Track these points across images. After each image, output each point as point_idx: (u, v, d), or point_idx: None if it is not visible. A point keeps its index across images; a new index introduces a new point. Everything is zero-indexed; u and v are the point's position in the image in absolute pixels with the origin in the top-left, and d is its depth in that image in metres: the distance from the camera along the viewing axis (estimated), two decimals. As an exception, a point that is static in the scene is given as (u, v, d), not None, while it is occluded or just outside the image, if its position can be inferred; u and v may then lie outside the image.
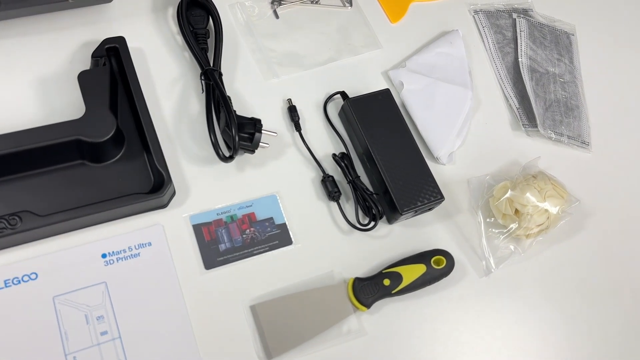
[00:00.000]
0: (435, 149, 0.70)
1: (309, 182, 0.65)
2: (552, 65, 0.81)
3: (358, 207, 0.64)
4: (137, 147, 0.61)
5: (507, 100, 0.77)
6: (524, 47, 0.80)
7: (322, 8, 0.76)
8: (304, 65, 0.72)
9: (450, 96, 0.73)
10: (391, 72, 0.74)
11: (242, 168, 0.64)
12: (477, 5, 0.83)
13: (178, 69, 0.67)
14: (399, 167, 0.65)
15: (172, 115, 0.65)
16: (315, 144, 0.68)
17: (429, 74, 0.74)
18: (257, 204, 0.62)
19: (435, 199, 0.64)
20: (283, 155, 0.66)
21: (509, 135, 0.75)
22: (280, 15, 0.74)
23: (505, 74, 0.79)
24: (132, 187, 0.59)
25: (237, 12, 0.73)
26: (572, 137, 0.76)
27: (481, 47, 0.80)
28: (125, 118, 0.62)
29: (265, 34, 0.72)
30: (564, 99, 0.78)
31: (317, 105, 0.70)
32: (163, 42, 0.68)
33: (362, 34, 0.76)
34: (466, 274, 0.65)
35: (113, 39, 0.63)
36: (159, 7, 0.70)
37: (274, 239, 0.61)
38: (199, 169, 0.63)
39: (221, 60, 0.67)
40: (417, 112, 0.72)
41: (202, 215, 0.60)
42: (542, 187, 0.66)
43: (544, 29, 0.83)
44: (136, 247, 0.57)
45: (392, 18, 0.78)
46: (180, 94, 0.66)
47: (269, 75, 0.70)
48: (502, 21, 0.82)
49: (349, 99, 0.68)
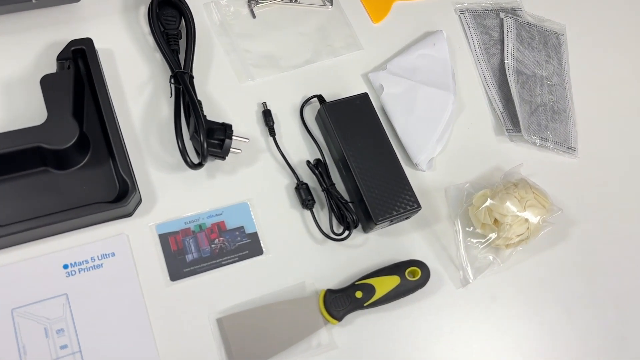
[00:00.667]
0: (414, 154, 0.68)
1: (282, 189, 0.64)
2: (539, 68, 0.78)
3: (332, 215, 0.62)
4: (103, 153, 0.59)
5: (491, 104, 0.75)
6: (510, 49, 0.77)
7: (301, 7, 0.74)
8: (281, 67, 0.70)
9: (432, 100, 0.71)
10: (371, 75, 0.72)
11: (213, 175, 0.62)
12: (464, 4, 0.80)
13: (148, 71, 0.65)
14: (375, 175, 0.63)
15: (141, 120, 0.63)
16: (290, 149, 0.66)
17: (410, 77, 0.72)
18: (227, 212, 0.61)
19: (412, 209, 0.62)
20: (256, 161, 0.64)
21: (492, 140, 0.73)
22: (258, 14, 0.72)
23: (491, 76, 0.77)
24: (96, 195, 0.57)
25: (212, 11, 0.70)
26: (557, 142, 0.74)
27: (466, 48, 0.78)
28: (92, 123, 0.60)
29: (241, 34, 0.70)
30: (551, 103, 0.76)
31: (294, 109, 0.68)
32: (133, 43, 0.66)
33: (342, 35, 0.74)
34: (443, 285, 0.64)
35: (79, 40, 0.61)
36: (130, 6, 0.68)
37: (244, 248, 0.59)
38: (167, 176, 0.61)
39: (193, 62, 0.65)
40: (396, 116, 0.70)
41: (169, 224, 0.59)
42: (523, 196, 0.64)
43: (533, 30, 0.81)
44: (99, 258, 0.56)
45: (374, 18, 0.76)
46: (150, 97, 0.64)
47: (244, 78, 0.68)
48: (488, 21, 0.80)
49: (325, 103, 0.65)
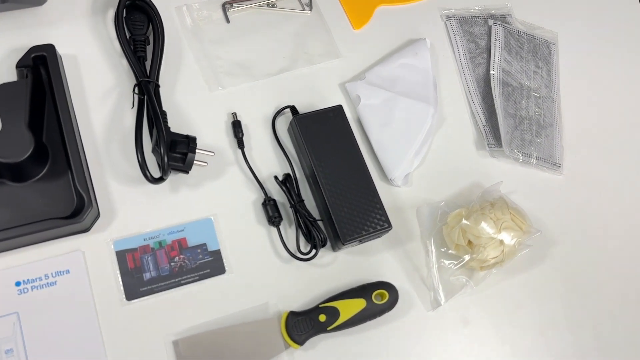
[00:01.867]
0: (389, 170, 0.65)
1: (249, 204, 0.61)
2: (527, 79, 0.75)
3: (300, 233, 0.60)
4: (62, 165, 0.57)
5: (474, 117, 0.72)
6: (497, 58, 0.74)
7: (278, 12, 0.71)
8: (254, 75, 0.67)
9: (411, 112, 0.68)
10: (348, 85, 0.69)
11: (176, 188, 0.60)
12: (450, 10, 0.77)
13: (114, 78, 0.63)
14: (346, 192, 0.60)
15: (103, 129, 0.60)
16: (260, 162, 0.64)
17: (389, 88, 0.69)
18: (189, 228, 0.59)
19: (382, 228, 0.60)
20: (223, 174, 0.62)
21: (472, 155, 0.70)
22: (232, 19, 0.69)
23: (475, 87, 0.74)
24: (53, 209, 0.55)
25: (184, 15, 0.68)
26: (542, 158, 0.71)
27: (451, 56, 0.75)
28: (52, 133, 0.58)
29: (213, 39, 0.68)
30: (537, 116, 0.73)
31: (266, 119, 0.66)
32: (100, 48, 0.64)
33: (320, 42, 0.71)
34: (413, 307, 0.61)
35: (40, 46, 0.59)
36: (97, 10, 0.65)
37: (206, 267, 0.58)
38: (128, 189, 0.59)
39: (160, 70, 0.62)
40: (372, 129, 0.67)
41: (127, 241, 0.57)
42: (499, 217, 0.62)
43: (522, 38, 0.77)
44: (53, 275, 0.54)
45: (355, 24, 0.73)
46: (114, 105, 0.62)
47: (214, 86, 0.65)
48: (476, 28, 0.77)
49: (297, 116, 0.63)
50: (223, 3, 0.69)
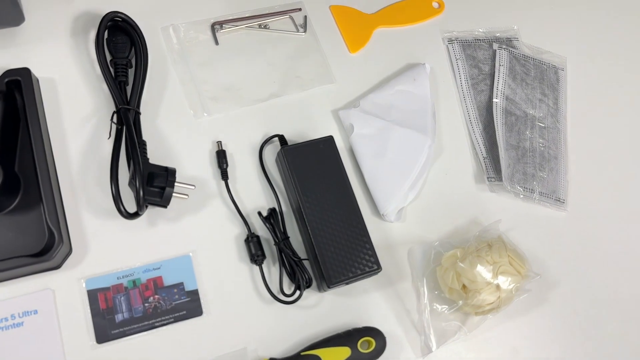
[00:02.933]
0: (382, 204, 0.62)
1: (231, 240, 0.58)
2: (532, 107, 0.71)
3: (283, 273, 0.57)
4: (34, 196, 0.54)
5: (474, 148, 0.68)
6: (500, 86, 0.71)
7: (271, 33, 0.68)
8: (242, 101, 0.64)
9: (406, 143, 0.65)
10: (341, 113, 0.66)
11: (154, 222, 0.57)
12: (453, 33, 0.73)
13: (93, 103, 0.60)
14: (333, 231, 0.57)
15: (80, 158, 0.57)
16: (245, 194, 0.60)
17: (384, 116, 0.66)
18: (166, 266, 0.55)
19: (371, 270, 0.56)
20: (205, 207, 0.59)
21: (471, 188, 0.66)
22: (221, 40, 0.66)
23: (476, 116, 0.70)
24: (22, 245, 0.52)
25: (170, 36, 0.65)
26: (544, 193, 0.67)
27: (452, 82, 0.71)
28: (25, 161, 0.55)
29: (200, 62, 0.64)
30: (541, 148, 0.69)
31: (253, 148, 0.62)
32: (79, 71, 0.60)
33: (314, 65, 0.67)
34: (402, 353, 0.58)
35: (15, 70, 0.56)
36: (78, 30, 0.62)
37: (182, 308, 0.54)
38: (102, 223, 0.56)
39: (141, 97, 0.59)
40: (365, 160, 0.64)
41: (99, 279, 0.54)
42: (496, 261, 0.58)
43: (529, 63, 0.73)
44: (20, 315, 0.51)
45: (351, 47, 0.69)
46: (92, 132, 0.58)
47: (199, 112, 0.62)
48: (479, 53, 0.73)
49: (284, 147, 0.60)
50: (212, 23, 0.66)
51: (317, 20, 0.70)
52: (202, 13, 0.66)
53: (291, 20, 0.69)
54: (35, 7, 0.61)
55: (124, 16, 0.60)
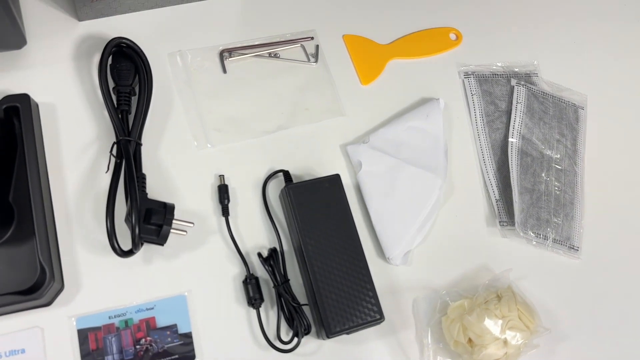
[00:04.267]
0: (388, 247, 0.59)
1: (229, 280, 0.56)
2: (549, 148, 0.68)
3: (282, 317, 0.55)
4: (27, 228, 0.52)
5: (486, 189, 0.66)
6: (517, 124, 0.68)
7: (281, 63, 0.66)
8: (247, 133, 0.62)
9: (416, 183, 0.62)
10: (350, 148, 0.63)
11: (149, 259, 0.55)
12: (470, 67, 0.71)
13: (94, 132, 0.58)
14: (336, 276, 0.54)
15: (76, 190, 0.56)
16: (245, 232, 0.58)
17: (394, 153, 0.63)
18: (160, 306, 0.53)
19: (373, 320, 0.54)
20: (203, 244, 0.57)
21: (482, 232, 0.64)
22: (229, 69, 0.64)
23: (490, 155, 0.67)
24: (12, 280, 0.51)
25: (177, 62, 0.63)
26: (558, 240, 0.64)
27: (466, 118, 0.69)
28: (20, 190, 0.54)
29: (206, 91, 0.62)
30: (557, 192, 0.66)
31: (256, 183, 0.60)
32: (80, 97, 0.59)
33: (324, 97, 0.65)
34: (402, 406, 0.56)
35: (14, 96, 0.54)
36: (81, 54, 0.60)
37: (174, 351, 0.52)
38: (97, 258, 0.54)
39: (143, 127, 0.57)
40: (373, 199, 0.61)
41: (91, 318, 0.52)
42: (505, 315, 0.55)
43: (547, 101, 0.71)
44: (6, 355, 0.49)
45: (363, 79, 0.67)
46: (90, 163, 0.57)
47: (202, 143, 0.60)
48: (497, 88, 0.70)
49: (289, 185, 0.57)
50: (220, 51, 0.64)
51: (329, 50, 0.67)
52: (211, 40, 0.64)
53: (302, 50, 0.66)
54: (38, 30, 0.60)
55: (129, 42, 0.58)
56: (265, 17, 0.67)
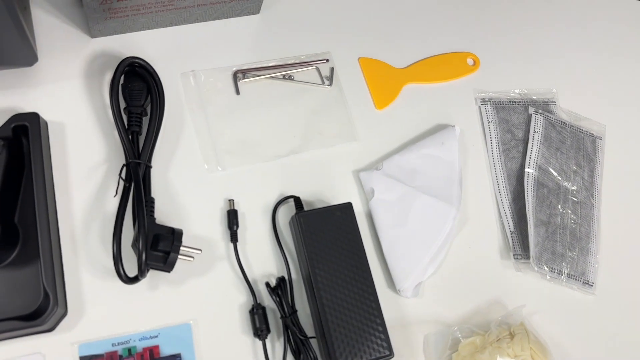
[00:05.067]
0: (399, 279, 0.58)
1: (235, 309, 0.55)
2: (566, 179, 0.67)
3: (288, 349, 0.54)
4: (32, 251, 0.51)
5: (501, 220, 0.64)
6: (534, 155, 0.66)
7: (295, 85, 0.64)
8: (259, 156, 0.60)
9: (429, 212, 0.61)
10: (362, 175, 0.62)
11: (155, 285, 0.54)
12: (487, 93, 0.69)
13: (103, 152, 0.57)
14: (345, 309, 0.53)
15: (83, 212, 0.54)
16: (254, 258, 0.57)
17: (408, 181, 0.62)
18: (164, 334, 0.52)
19: (382, 355, 0.52)
20: (210, 270, 0.55)
21: (496, 265, 0.62)
22: (242, 90, 0.62)
23: (506, 185, 0.66)
24: (15, 303, 0.49)
25: (190, 82, 0.62)
26: (573, 275, 0.63)
27: (482, 146, 0.67)
28: (26, 211, 0.52)
29: (218, 112, 0.61)
30: (572, 225, 0.65)
31: (266, 208, 0.59)
32: (91, 116, 0.58)
33: (337, 121, 0.64)
34: None
35: (23, 115, 0.53)
36: (93, 72, 0.59)
37: (177, 382, 0.51)
38: (101, 283, 0.53)
39: (154, 149, 0.56)
40: (384, 229, 0.60)
41: (93, 345, 0.50)
42: (518, 354, 0.54)
43: (565, 130, 0.69)
44: (6, 381, 0.48)
45: (378, 103, 0.66)
46: (98, 184, 0.56)
47: (213, 166, 0.59)
48: (514, 116, 0.69)
49: (299, 213, 0.56)
50: (234, 72, 0.63)
51: (344, 73, 0.66)
52: (225, 60, 0.63)
53: (317, 72, 0.65)
54: (49, 46, 0.59)
55: (142, 62, 0.57)
56: (280, 37, 0.66)
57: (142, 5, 0.56)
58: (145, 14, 0.58)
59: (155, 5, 0.57)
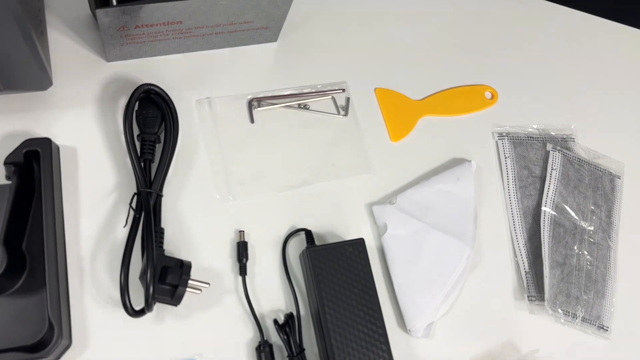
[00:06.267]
0: (410, 318, 0.57)
1: (241, 345, 0.53)
2: (583, 219, 0.65)
3: (294, 389, 0.53)
4: (39, 280, 0.50)
5: (515, 259, 0.63)
6: (551, 193, 0.65)
7: (310, 114, 0.64)
8: (271, 186, 0.60)
9: (443, 250, 0.60)
10: (375, 209, 0.61)
11: (161, 318, 0.53)
12: (505, 127, 0.68)
13: (114, 178, 0.56)
14: (354, 350, 0.52)
15: (91, 240, 0.54)
16: (262, 292, 0.56)
17: (421, 217, 0.61)
18: (169, 369, 0.51)
19: (390, 399, 0.52)
20: (218, 304, 0.54)
21: (509, 306, 0.61)
22: (257, 118, 0.62)
23: (522, 223, 0.64)
24: (18, 332, 0.48)
25: (205, 110, 0.61)
26: (588, 319, 0.61)
27: (498, 182, 0.66)
28: (34, 239, 0.52)
29: (232, 141, 0.60)
30: (588, 267, 0.63)
31: (277, 239, 0.58)
32: (103, 142, 0.57)
33: (351, 152, 0.63)
34: None
35: (35, 140, 0.52)
36: (107, 97, 0.59)
37: (180, 419, 0.50)
38: (107, 315, 0.52)
39: (165, 178, 0.56)
40: (396, 266, 0.59)
41: (96, 379, 0.50)
42: (530, 402, 0.53)
43: (583, 168, 0.68)
44: (6, 413, 0.47)
45: (393, 135, 0.65)
46: (108, 211, 0.55)
47: (225, 195, 0.58)
48: (531, 152, 0.67)
49: (310, 248, 0.55)
50: (249, 100, 0.62)
51: (360, 103, 0.65)
52: (240, 87, 0.62)
53: (333, 102, 0.64)
54: (64, 71, 0.58)
55: (158, 90, 0.56)
56: (296, 66, 0.66)
57: (160, 32, 0.56)
58: (163, 40, 0.58)
59: (173, 32, 0.56)
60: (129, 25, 0.53)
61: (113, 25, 0.52)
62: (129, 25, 0.53)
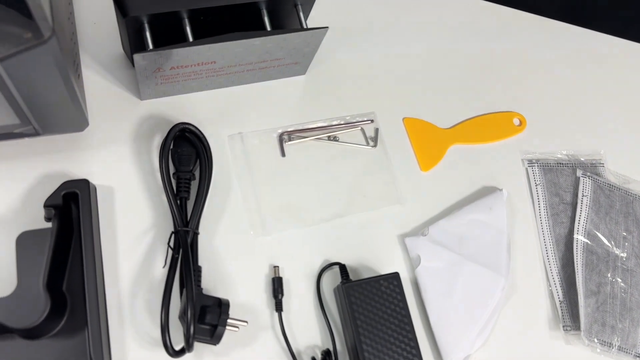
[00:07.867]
0: (446, 351, 0.57)
1: (280, 382, 0.54)
2: (615, 245, 0.65)
3: None
4: (80, 320, 0.51)
5: (549, 288, 0.63)
6: (583, 220, 0.65)
7: (339, 146, 0.64)
8: (304, 221, 0.60)
9: (478, 282, 0.59)
10: (408, 240, 0.61)
11: (200, 356, 0.53)
12: (534, 154, 0.68)
13: (151, 217, 0.57)
14: (392, 385, 0.52)
15: (130, 280, 0.54)
16: (299, 328, 0.56)
17: (455, 248, 0.61)
18: (209, 408, 0.52)
19: None
20: (255, 341, 0.55)
21: (544, 337, 0.60)
22: (288, 152, 0.62)
23: (554, 251, 0.64)
24: (63, 374, 0.50)
25: (237, 145, 0.61)
26: (624, 348, 0.61)
27: (530, 210, 0.66)
28: (75, 280, 0.52)
29: (264, 175, 0.61)
30: (622, 295, 0.63)
31: (311, 273, 0.58)
32: (139, 181, 0.58)
33: (381, 183, 0.63)
34: None
35: (73, 182, 0.53)
36: (142, 135, 0.59)
37: None
38: (147, 354, 0.52)
39: (201, 216, 0.56)
40: (431, 299, 0.58)
41: (138, 420, 0.50)
42: None
43: (614, 193, 0.67)
44: None
45: (423, 165, 0.65)
46: (146, 251, 0.55)
47: (258, 230, 0.58)
48: (561, 179, 0.67)
49: (345, 284, 0.55)
50: (280, 134, 0.62)
51: (389, 134, 0.66)
52: (271, 121, 0.63)
53: (362, 133, 0.65)
54: (100, 110, 0.59)
55: (193, 128, 0.57)
56: (325, 98, 0.66)
57: (194, 72, 0.56)
58: (196, 79, 0.58)
59: (206, 71, 0.57)
60: (164, 67, 0.53)
61: (149, 68, 0.53)
62: (164, 67, 0.53)
